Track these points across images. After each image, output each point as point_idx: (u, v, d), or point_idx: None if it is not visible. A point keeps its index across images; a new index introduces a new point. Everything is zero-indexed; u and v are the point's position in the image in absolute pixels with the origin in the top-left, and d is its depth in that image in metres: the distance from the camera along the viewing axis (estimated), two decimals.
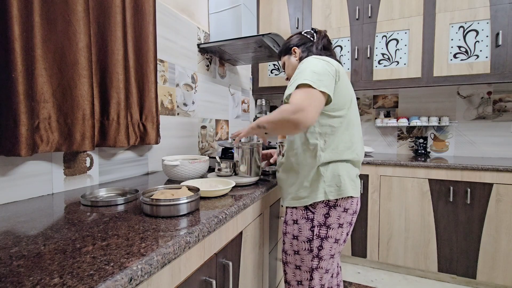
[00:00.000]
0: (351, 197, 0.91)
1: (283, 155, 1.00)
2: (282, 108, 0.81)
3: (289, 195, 0.96)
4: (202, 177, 1.10)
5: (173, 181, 1.14)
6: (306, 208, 0.91)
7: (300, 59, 1.05)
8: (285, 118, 0.79)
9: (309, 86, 0.80)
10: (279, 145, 1.06)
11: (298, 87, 0.82)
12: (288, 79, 1.13)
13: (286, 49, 1.11)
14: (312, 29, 1.11)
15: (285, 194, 0.99)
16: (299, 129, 0.79)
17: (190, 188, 0.80)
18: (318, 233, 0.89)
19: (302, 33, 1.11)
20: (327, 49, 1.06)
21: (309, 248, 0.90)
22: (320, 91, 0.80)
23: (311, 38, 1.08)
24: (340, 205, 0.89)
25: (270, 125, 0.86)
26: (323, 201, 0.89)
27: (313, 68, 0.84)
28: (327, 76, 0.84)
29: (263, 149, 1.30)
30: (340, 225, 0.90)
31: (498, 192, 1.67)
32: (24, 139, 0.76)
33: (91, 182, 1.09)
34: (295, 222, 0.93)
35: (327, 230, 0.89)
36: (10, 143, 0.75)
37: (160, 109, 1.43)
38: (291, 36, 1.14)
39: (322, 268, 0.91)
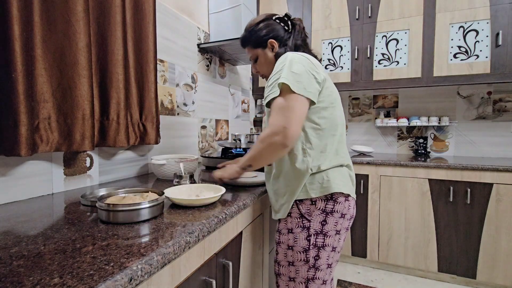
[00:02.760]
0: (347, 199, 0.83)
1: (269, 164, 0.94)
2: (261, 137, 0.77)
3: (282, 207, 0.88)
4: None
5: (162, 180, 1.17)
6: (301, 216, 0.83)
7: (277, 55, 0.91)
8: (268, 144, 0.74)
9: (288, 90, 0.74)
10: None
11: (280, 91, 0.76)
12: (264, 77, 1.00)
13: (260, 41, 0.94)
14: (286, 15, 0.95)
15: (277, 205, 0.90)
16: (287, 148, 0.74)
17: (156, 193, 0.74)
18: (315, 242, 0.82)
19: (274, 18, 0.94)
20: (305, 43, 0.96)
21: (305, 258, 0.82)
22: (299, 95, 0.75)
23: (286, 28, 0.93)
24: (337, 211, 0.82)
25: (255, 161, 0.81)
26: (319, 207, 0.82)
27: (292, 68, 0.77)
28: (308, 78, 0.77)
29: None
30: (338, 232, 0.83)
31: (498, 192, 1.67)
32: (24, 139, 0.76)
33: (91, 182, 1.09)
34: (290, 231, 0.85)
35: (324, 238, 0.82)
36: (10, 143, 0.75)
37: (160, 109, 1.43)
38: (260, 22, 0.94)
39: (319, 279, 0.83)
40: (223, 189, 0.83)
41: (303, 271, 0.83)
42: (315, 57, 0.93)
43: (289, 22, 0.95)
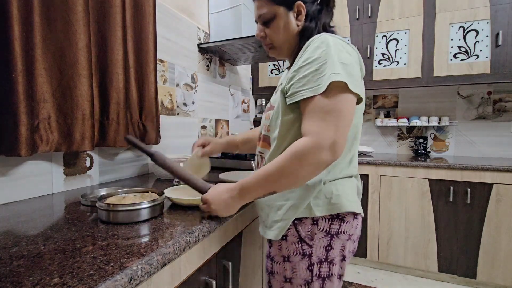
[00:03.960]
0: (356, 217, 0.67)
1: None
2: (297, 152, 0.55)
3: (275, 224, 0.68)
4: None
5: (162, 180, 1.17)
6: (300, 240, 0.65)
7: (305, 29, 0.69)
8: (309, 163, 0.55)
9: (343, 88, 0.56)
10: (258, 156, 0.78)
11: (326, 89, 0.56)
12: (272, 48, 0.75)
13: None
14: None
15: (269, 220, 0.70)
16: (325, 168, 0.57)
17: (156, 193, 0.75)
18: (318, 273, 0.65)
19: None
20: (331, 27, 0.75)
21: None
22: (355, 95, 0.58)
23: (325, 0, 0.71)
24: (344, 232, 0.65)
25: (279, 184, 0.59)
26: (322, 228, 0.64)
27: (340, 58, 0.58)
28: (357, 71, 0.62)
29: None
30: (344, 258, 0.67)
31: (498, 192, 1.67)
32: (24, 139, 0.76)
33: (91, 182, 1.09)
34: (286, 259, 0.67)
35: (329, 267, 0.65)
36: (10, 143, 0.75)
37: (160, 109, 1.43)
38: None
39: None
40: None
41: None
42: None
43: None
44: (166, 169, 0.72)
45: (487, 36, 1.85)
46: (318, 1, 0.71)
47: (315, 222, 0.64)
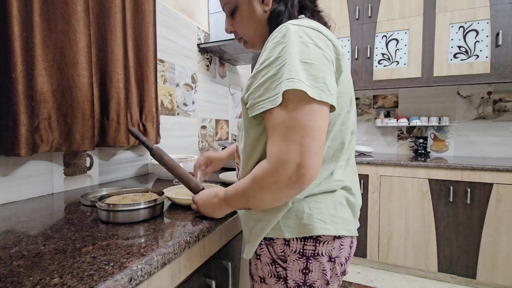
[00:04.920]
0: (338, 237, 0.55)
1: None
2: (257, 175, 0.49)
3: (247, 243, 0.62)
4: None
5: (162, 180, 1.17)
6: (273, 261, 0.57)
7: (273, 14, 0.60)
8: (270, 189, 0.48)
9: (303, 96, 0.45)
10: (237, 167, 0.71)
11: (283, 99, 0.46)
12: (246, 43, 0.67)
13: None
14: None
15: (245, 234, 0.63)
16: (298, 193, 0.49)
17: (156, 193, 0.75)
18: None
19: None
20: (313, 1, 0.63)
21: None
22: (322, 103, 0.47)
23: None
24: (322, 254, 0.54)
25: (254, 206, 0.53)
26: (295, 249, 0.55)
27: (302, 55, 0.47)
28: (326, 68, 0.49)
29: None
30: (328, 282, 0.56)
31: (498, 192, 1.67)
32: (24, 139, 0.76)
33: (91, 182, 1.09)
34: (263, 280, 0.59)
35: None
36: (10, 143, 0.75)
37: (160, 109, 1.43)
38: None
39: None
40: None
41: None
42: (326, 25, 0.62)
43: None
44: (163, 165, 0.73)
45: (487, 36, 1.85)
46: None
47: (286, 242, 0.55)
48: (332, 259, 0.55)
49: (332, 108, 0.49)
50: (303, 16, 0.60)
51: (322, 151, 0.47)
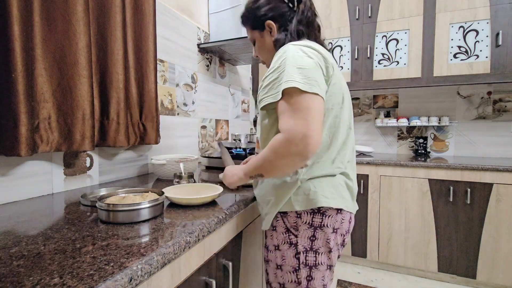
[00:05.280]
0: (340, 212, 0.71)
1: None
2: (273, 146, 0.63)
3: (266, 216, 0.78)
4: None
5: (162, 180, 1.17)
6: (287, 230, 0.73)
7: (276, 41, 0.78)
8: (283, 156, 0.62)
9: (297, 91, 0.62)
10: (257, 154, 0.88)
11: (282, 95, 0.64)
12: (265, 63, 0.88)
13: (257, 22, 0.80)
14: None
15: (262, 213, 0.81)
16: (307, 160, 0.62)
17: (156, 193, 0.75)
18: (305, 261, 0.71)
19: None
20: (311, 27, 0.80)
21: (296, 280, 0.72)
22: (314, 94, 0.63)
23: (290, 5, 0.77)
24: (327, 225, 0.70)
25: (267, 172, 0.68)
26: (305, 221, 0.71)
27: (297, 63, 0.64)
28: (317, 73, 0.66)
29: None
30: (330, 250, 0.72)
31: (498, 192, 1.67)
32: (24, 139, 0.76)
33: (91, 182, 1.09)
34: (277, 248, 0.74)
35: (315, 256, 0.71)
36: (10, 143, 0.75)
37: (160, 109, 1.43)
38: None
39: None
40: (221, 188, 0.83)
41: None
42: (323, 45, 0.79)
43: None
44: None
45: (487, 36, 1.85)
46: (294, 8, 0.78)
47: (298, 215, 0.72)
48: (335, 230, 0.71)
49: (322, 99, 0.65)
50: (304, 39, 0.77)
51: (321, 126, 0.62)
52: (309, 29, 0.79)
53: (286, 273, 0.73)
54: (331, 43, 2.28)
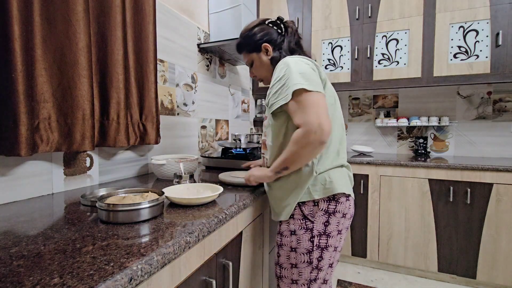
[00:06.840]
0: (348, 199, 0.85)
1: (268, 167, 0.90)
2: (295, 139, 0.75)
3: (284, 209, 0.87)
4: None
5: (162, 180, 1.17)
6: (304, 217, 0.84)
7: (273, 59, 0.94)
8: (305, 144, 0.73)
9: (304, 91, 0.74)
10: (262, 156, 0.99)
11: (292, 96, 0.76)
12: (261, 80, 1.03)
13: (254, 45, 0.95)
14: (278, 18, 0.96)
15: (279, 208, 0.89)
16: (325, 145, 0.74)
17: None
18: (318, 243, 0.82)
19: (267, 22, 0.96)
20: (299, 46, 0.97)
21: (309, 260, 0.83)
22: (318, 92, 0.76)
23: (279, 31, 0.95)
24: (339, 211, 0.83)
25: (292, 163, 0.79)
26: (322, 208, 0.83)
27: (298, 70, 0.78)
28: (315, 76, 0.79)
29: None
30: (339, 232, 0.85)
31: (498, 192, 1.67)
32: (24, 139, 0.76)
33: (91, 182, 1.09)
34: (293, 233, 0.85)
35: (327, 239, 0.83)
36: (10, 143, 0.75)
37: (160, 109, 1.43)
38: (253, 27, 0.97)
39: (320, 278, 0.85)
40: (221, 188, 0.83)
41: (306, 272, 0.84)
42: (311, 57, 0.94)
43: (282, 25, 0.95)
44: None
45: (487, 36, 1.85)
46: (282, 33, 0.95)
47: (315, 204, 0.83)
48: (344, 215, 0.85)
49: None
50: (296, 55, 0.92)
51: (328, 117, 0.74)
52: (298, 47, 0.96)
53: (300, 255, 0.84)
54: (331, 43, 2.28)
